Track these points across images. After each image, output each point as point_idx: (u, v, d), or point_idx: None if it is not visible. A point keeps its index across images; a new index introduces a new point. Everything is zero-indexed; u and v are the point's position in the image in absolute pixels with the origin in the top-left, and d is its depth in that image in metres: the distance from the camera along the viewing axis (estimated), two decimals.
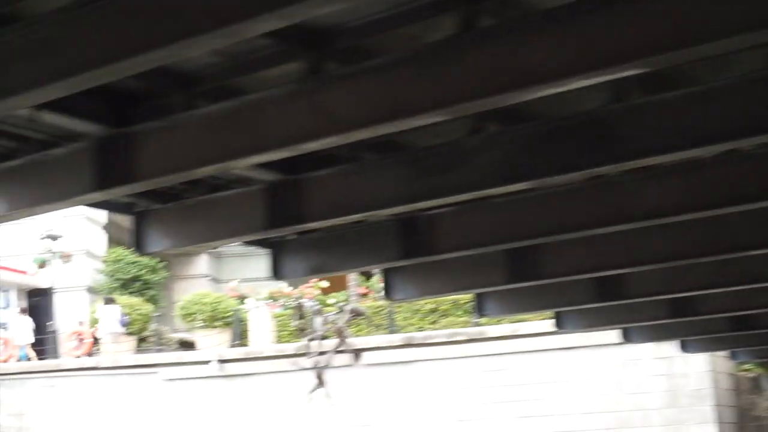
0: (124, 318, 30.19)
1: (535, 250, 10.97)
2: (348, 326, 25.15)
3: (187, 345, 31.02)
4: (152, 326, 31.10)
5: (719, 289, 11.58)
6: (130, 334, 29.79)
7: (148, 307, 30.76)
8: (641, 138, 7.28)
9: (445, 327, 26.82)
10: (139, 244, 9.90)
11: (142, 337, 30.49)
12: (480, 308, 13.76)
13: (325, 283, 30.52)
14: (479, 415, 24.50)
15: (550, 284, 11.91)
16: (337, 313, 25.65)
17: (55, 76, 5.90)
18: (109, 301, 31.42)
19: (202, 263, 41.41)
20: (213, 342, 28.53)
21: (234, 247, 41.56)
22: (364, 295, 30.05)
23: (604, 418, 23.49)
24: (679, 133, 7.13)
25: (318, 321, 25.96)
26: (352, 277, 29.30)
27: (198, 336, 29.31)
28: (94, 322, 30.56)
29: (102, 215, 33.97)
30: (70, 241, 31.51)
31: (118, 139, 7.99)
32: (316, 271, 13.12)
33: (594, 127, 7.44)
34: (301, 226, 9.36)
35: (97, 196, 8.09)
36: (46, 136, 8.03)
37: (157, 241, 10.05)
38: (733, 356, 22.47)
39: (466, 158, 8.16)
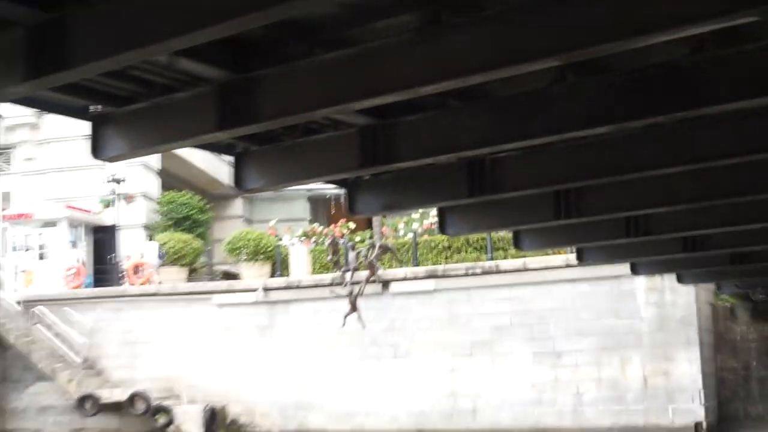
0: (161, 252, 29.92)
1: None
2: (378, 260, 25.03)
3: (230, 276, 30.88)
4: (202, 259, 30.95)
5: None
6: (182, 265, 29.57)
7: (197, 243, 30.47)
8: (717, 86, 7.11)
9: (457, 262, 26.59)
10: (238, 183, 9.66)
11: (193, 268, 30.12)
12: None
13: (352, 224, 30.49)
14: (492, 337, 24.49)
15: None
16: (369, 248, 25.53)
17: (194, 26, 5.52)
18: (150, 237, 31.61)
19: (237, 205, 41.36)
20: (256, 273, 28.35)
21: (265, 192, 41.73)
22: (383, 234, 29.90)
23: (600, 340, 23.46)
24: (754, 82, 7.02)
25: (351, 255, 25.87)
26: (377, 219, 29.22)
27: (242, 268, 29.00)
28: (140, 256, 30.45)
29: (156, 163, 33.76)
30: (131, 185, 31.20)
31: (239, 84, 7.81)
32: (388, 208, 13.02)
33: (673, 77, 7.32)
34: (390, 166, 9.09)
35: (219, 135, 7.95)
36: (169, 81, 7.66)
37: (255, 180, 9.73)
38: (718, 288, 22.47)
39: (546, 106, 8.05)
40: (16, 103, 8.70)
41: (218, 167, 38.57)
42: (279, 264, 28.91)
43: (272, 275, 28.50)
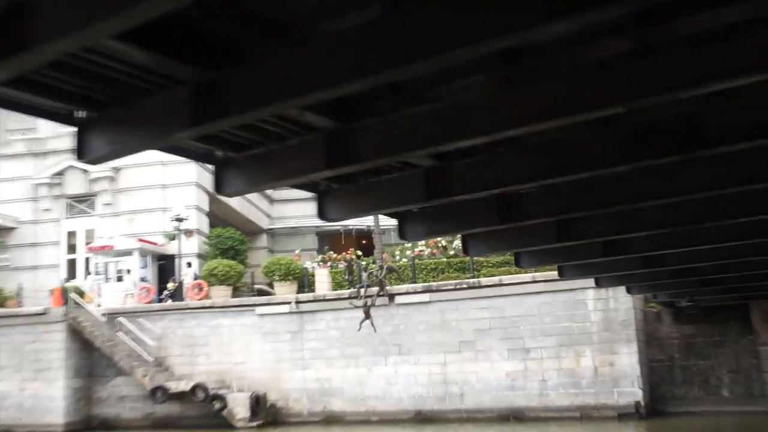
0: (196, 275, 30.17)
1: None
2: (385, 278, 24.84)
3: (264, 293, 30.50)
4: (244, 279, 30.63)
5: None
6: (228, 284, 29.24)
7: (239, 267, 30.13)
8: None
9: (443, 280, 26.53)
10: (322, 214, 9.66)
11: (236, 286, 29.76)
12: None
13: (359, 252, 30.52)
14: (474, 338, 24.45)
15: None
16: (378, 269, 25.34)
17: (322, 86, 5.49)
18: (189, 264, 31.28)
19: (263, 239, 41.20)
20: (286, 290, 28.16)
21: (284, 227, 41.58)
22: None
23: (560, 338, 23.54)
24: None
25: (364, 275, 25.69)
26: (378, 246, 29.12)
27: (276, 286, 28.71)
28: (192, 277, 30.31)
29: (206, 206, 33.56)
30: (190, 223, 30.91)
31: (344, 132, 7.69)
32: (431, 234, 12.80)
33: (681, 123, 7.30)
34: (448, 199, 8.88)
35: (327, 173, 7.87)
36: (282, 131, 7.47)
37: (335, 212, 9.65)
38: (654, 297, 22.45)
39: (575, 148, 8.04)
40: (162, 150, 8.22)
41: (249, 209, 38.42)
42: (306, 282, 28.66)
43: (299, 291, 28.24)
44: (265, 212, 41.56)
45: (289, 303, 26.50)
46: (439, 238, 31.04)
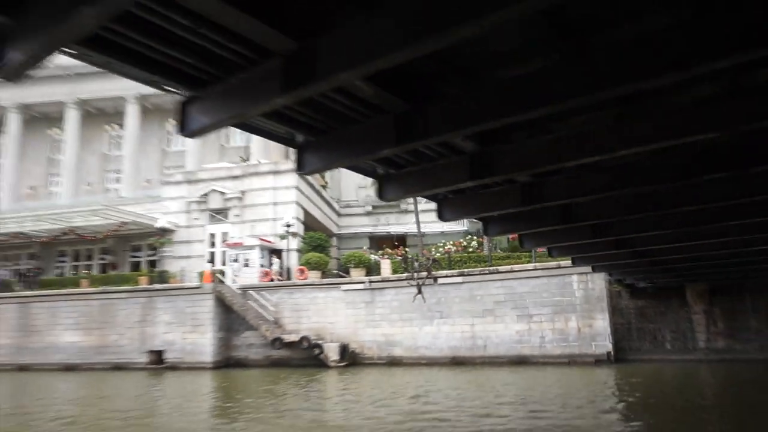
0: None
1: None
2: (431, 267, 24.43)
3: (342, 275, 29.95)
4: (329, 266, 30.17)
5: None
6: (319, 269, 28.76)
7: (326, 258, 29.85)
8: None
9: (470, 267, 25.92)
10: (381, 195, 8.26)
11: (323, 271, 29.27)
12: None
13: (407, 249, 30.07)
14: (493, 307, 24.06)
15: None
16: (427, 260, 24.94)
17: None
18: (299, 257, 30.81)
19: (334, 240, 40.59)
20: (359, 274, 27.76)
21: (347, 233, 41.06)
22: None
23: (554, 308, 23.19)
24: None
25: (416, 264, 25.29)
26: (420, 245, 28.69)
27: (351, 271, 28.23)
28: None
29: (302, 217, 33.24)
30: (294, 228, 30.48)
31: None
32: (467, 215, 10.93)
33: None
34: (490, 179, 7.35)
35: (396, 150, 6.27)
36: (353, 114, 6.09)
37: (394, 192, 8.15)
38: (613, 279, 21.96)
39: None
40: (239, 128, 6.95)
41: (326, 219, 38.12)
42: (372, 269, 28.16)
43: (367, 275, 27.72)
44: (335, 222, 41.25)
45: (364, 282, 26.24)
46: (462, 240, 30.72)
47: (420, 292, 23.52)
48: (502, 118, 5.63)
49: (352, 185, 43.79)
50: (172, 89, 5.78)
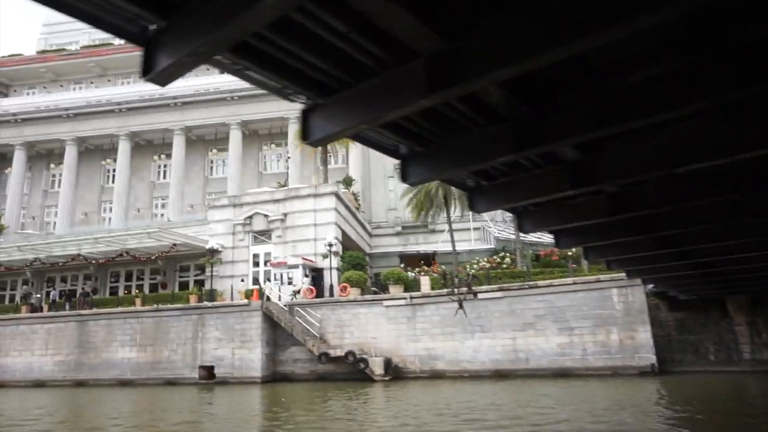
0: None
1: None
2: (472, 282, 23.81)
3: (378, 292, 29.34)
4: (368, 284, 29.61)
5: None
6: (358, 286, 28.15)
7: (364, 275, 29.32)
8: None
9: (505, 283, 25.20)
10: (473, 207, 7.88)
11: (362, 288, 28.67)
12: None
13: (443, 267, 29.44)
14: (534, 321, 23.30)
15: None
16: (467, 276, 24.34)
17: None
18: (339, 275, 30.16)
19: (366, 258, 39.94)
20: (397, 290, 27.12)
21: (378, 252, 40.45)
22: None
23: (594, 321, 22.37)
24: None
25: (456, 281, 24.68)
26: (454, 263, 28.15)
27: (390, 287, 27.55)
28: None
29: (340, 237, 32.80)
30: (334, 247, 30.04)
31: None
32: (548, 227, 10.51)
33: None
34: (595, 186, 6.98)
35: (514, 156, 5.95)
36: (464, 122, 5.76)
37: (483, 205, 7.79)
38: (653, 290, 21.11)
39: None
40: (354, 138, 6.51)
41: (359, 239, 37.62)
42: (411, 286, 27.45)
43: (405, 291, 27.06)
44: (367, 242, 40.76)
45: (405, 298, 25.60)
46: (496, 257, 30.00)
47: (461, 307, 22.90)
48: (626, 122, 5.18)
49: (383, 207, 43.42)
50: (296, 97, 5.46)
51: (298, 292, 27.76)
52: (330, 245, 28.99)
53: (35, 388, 27.69)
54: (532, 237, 37.01)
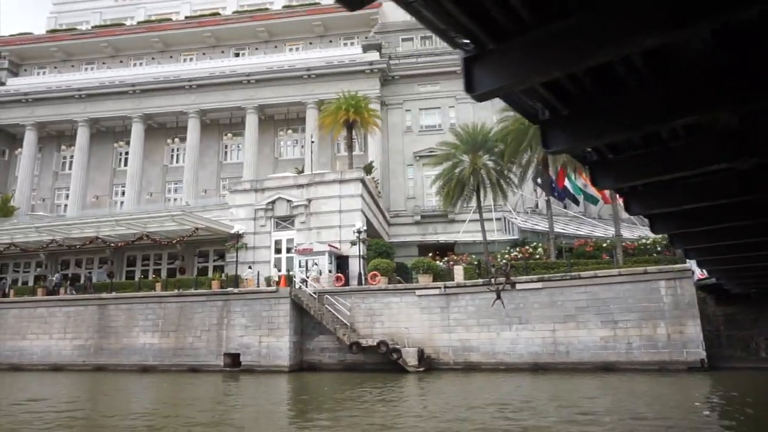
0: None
1: None
2: (510, 272, 23.22)
3: (402, 281, 28.69)
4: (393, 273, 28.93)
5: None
6: (384, 275, 27.39)
7: (392, 263, 28.60)
8: None
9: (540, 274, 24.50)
10: (595, 182, 7.43)
11: (389, 277, 28.03)
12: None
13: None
14: (576, 313, 22.78)
15: None
16: (505, 265, 23.76)
17: None
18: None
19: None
20: (426, 279, 26.45)
21: (397, 241, 39.71)
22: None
23: (640, 314, 21.81)
24: None
25: (493, 270, 24.11)
26: (485, 253, 27.52)
27: (420, 277, 26.92)
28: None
29: (364, 225, 32.15)
30: (363, 234, 29.44)
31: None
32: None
33: None
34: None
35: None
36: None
37: (610, 182, 7.59)
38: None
39: None
40: (504, 99, 5.87)
41: (380, 229, 36.99)
42: (442, 275, 26.73)
43: (434, 280, 26.40)
44: (386, 231, 40.15)
45: (439, 288, 25.00)
46: (527, 247, 29.37)
47: (499, 297, 22.29)
48: None
49: (402, 196, 42.74)
50: (461, 41, 4.86)
51: (320, 275, 27.17)
52: (359, 232, 28.39)
53: (53, 371, 27.23)
54: (557, 228, 36.48)
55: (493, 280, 23.17)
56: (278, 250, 32.03)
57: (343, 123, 32.41)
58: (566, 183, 31.31)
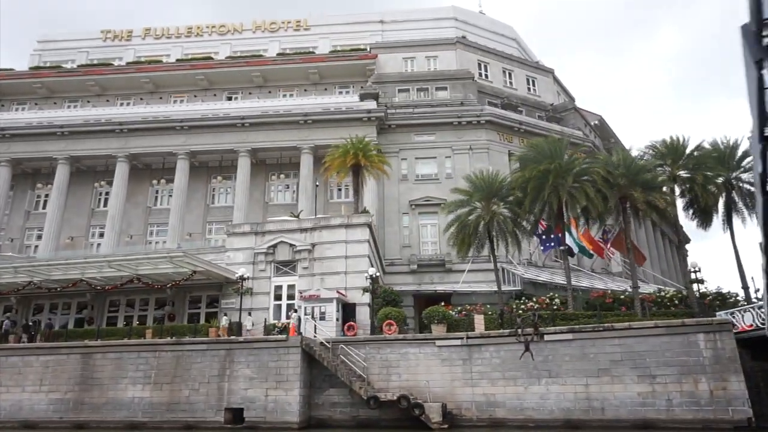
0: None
1: None
2: (538, 322, 22.06)
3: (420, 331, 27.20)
4: (408, 322, 27.44)
5: None
6: (398, 324, 25.89)
7: (403, 312, 27.21)
8: None
9: (570, 325, 23.42)
10: None
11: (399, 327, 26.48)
12: None
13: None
14: (610, 366, 21.59)
15: None
16: (533, 315, 22.57)
17: None
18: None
19: None
20: (440, 329, 24.95)
21: (396, 289, 38.15)
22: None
23: (679, 369, 20.80)
24: None
25: (519, 320, 22.88)
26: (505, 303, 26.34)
27: (433, 327, 25.42)
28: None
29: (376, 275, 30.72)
30: (361, 282, 27.93)
31: None
32: None
33: None
34: None
35: None
36: None
37: None
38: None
39: None
40: None
41: (384, 278, 35.49)
42: (455, 325, 25.31)
43: (448, 330, 24.95)
44: (381, 279, 38.57)
45: (461, 338, 23.51)
46: (545, 297, 28.31)
47: (528, 349, 21.11)
48: None
49: (397, 245, 41.54)
50: None
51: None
52: (373, 278, 26.91)
53: (25, 429, 24.04)
54: (559, 279, 35.78)
55: (520, 330, 21.95)
56: (278, 297, 30.09)
57: (351, 166, 31.39)
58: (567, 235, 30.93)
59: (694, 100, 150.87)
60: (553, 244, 32.35)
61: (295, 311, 27.15)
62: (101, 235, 43.38)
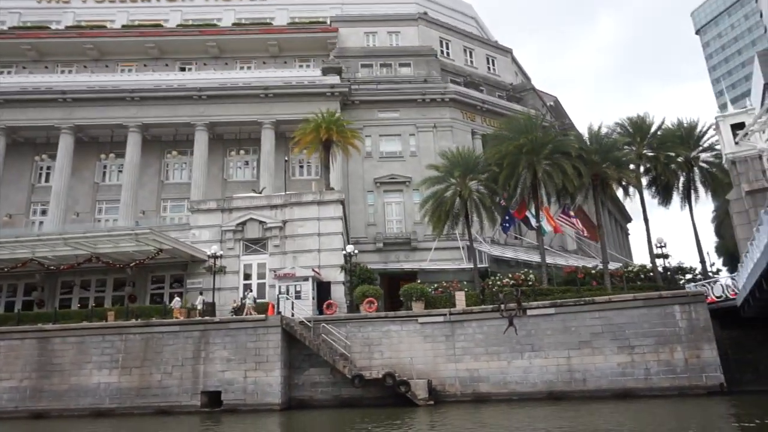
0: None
1: None
2: (520, 297, 22.27)
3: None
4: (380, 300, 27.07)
5: None
6: (372, 303, 25.55)
7: (380, 290, 26.86)
8: None
9: (557, 299, 23.59)
10: None
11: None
12: None
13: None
14: (591, 339, 22.19)
15: None
16: (516, 290, 22.74)
17: None
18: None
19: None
20: (419, 306, 24.78)
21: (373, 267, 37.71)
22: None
23: (657, 339, 21.63)
24: None
25: (501, 296, 23.02)
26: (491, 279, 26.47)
27: (413, 305, 25.16)
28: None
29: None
30: (339, 259, 27.43)
31: None
32: None
33: None
34: None
35: None
36: None
37: None
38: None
39: None
40: None
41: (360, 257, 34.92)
42: (433, 302, 25.17)
43: (425, 307, 24.83)
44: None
45: (444, 314, 23.43)
46: (520, 273, 28.60)
47: (512, 324, 21.32)
48: None
49: (362, 222, 40.95)
50: None
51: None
52: (350, 256, 26.30)
53: None
54: (523, 257, 36.45)
55: (503, 306, 22.09)
56: (247, 276, 29.00)
57: (323, 141, 30.36)
58: (527, 213, 31.41)
59: (632, 86, 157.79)
60: (510, 223, 32.76)
61: (251, 291, 26.31)
62: (44, 212, 40.32)
